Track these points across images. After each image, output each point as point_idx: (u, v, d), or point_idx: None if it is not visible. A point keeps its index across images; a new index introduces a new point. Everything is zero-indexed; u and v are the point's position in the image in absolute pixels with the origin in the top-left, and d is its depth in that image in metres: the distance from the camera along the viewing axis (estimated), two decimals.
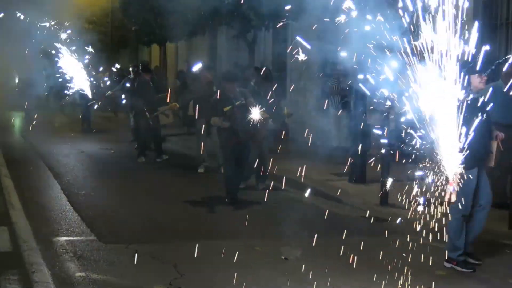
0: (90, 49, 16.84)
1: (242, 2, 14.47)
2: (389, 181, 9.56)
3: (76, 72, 16.16)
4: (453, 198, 6.26)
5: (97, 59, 19.46)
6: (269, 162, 11.32)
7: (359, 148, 11.70)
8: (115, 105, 20.90)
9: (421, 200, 6.51)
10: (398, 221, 7.01)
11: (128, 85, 16.25)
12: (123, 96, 16.60)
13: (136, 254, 7.34)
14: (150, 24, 21.15)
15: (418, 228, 8.78)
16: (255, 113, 9.89)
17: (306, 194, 10.38)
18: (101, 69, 21.72)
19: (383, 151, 10.65)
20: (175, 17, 18.56)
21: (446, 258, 7.29)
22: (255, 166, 11.15)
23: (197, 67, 13.16)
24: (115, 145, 17.03)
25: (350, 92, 15.01)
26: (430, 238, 8.26)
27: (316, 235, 8.47)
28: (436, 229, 8.71)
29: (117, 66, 23.39)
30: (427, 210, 9.54)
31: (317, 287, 6.33)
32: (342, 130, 15.62)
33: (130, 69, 17.54)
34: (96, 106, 17.96)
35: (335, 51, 7.80)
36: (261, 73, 12.59)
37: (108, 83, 19.05)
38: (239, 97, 10.08)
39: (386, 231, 8.80)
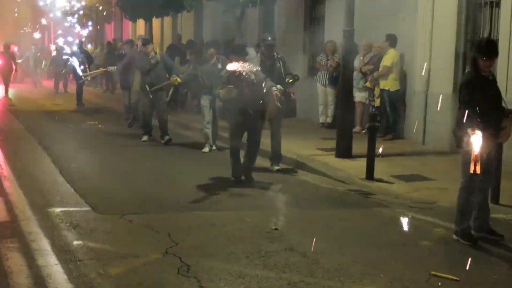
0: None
1: None
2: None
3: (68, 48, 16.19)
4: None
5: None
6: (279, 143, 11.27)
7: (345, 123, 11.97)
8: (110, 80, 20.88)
9: None
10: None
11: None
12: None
13: (130, 224, 7.59)
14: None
15: (404, 202, 9.17)
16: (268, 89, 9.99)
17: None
18: (89, 45, 21.74)
19: None
20: None
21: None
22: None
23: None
24: (104, 121, 17.15)
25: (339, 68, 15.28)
26: (415, 211, 8.64)
27: (304, 207, 8.77)
28: (421, 203, 9.09)
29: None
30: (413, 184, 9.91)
31: (305, 254, 6.56)
32: (328, 106, 15.90)
33: (124, 44, 17.54)
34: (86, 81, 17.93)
35: None
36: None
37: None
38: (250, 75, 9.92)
39: (372, 204, 9.08)
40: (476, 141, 6.62)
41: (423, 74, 13.31)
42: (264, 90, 9.92)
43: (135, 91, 15.66)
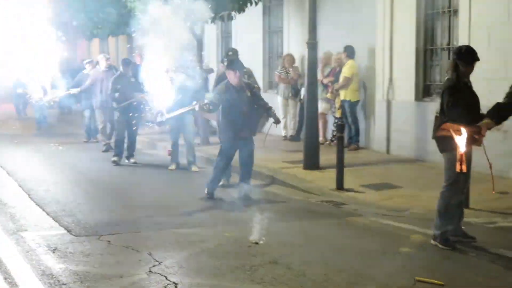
0: None
1: None
2: None
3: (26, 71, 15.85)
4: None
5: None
6: None
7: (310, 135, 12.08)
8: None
9: None
10: None
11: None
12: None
13: (109, 245, 7.51)
14: (92, 19, 21.07)
15: (376, 210, 9.29)
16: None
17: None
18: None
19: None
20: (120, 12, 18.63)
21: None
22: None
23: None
24: (65, 143, 16.94)
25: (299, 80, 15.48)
26: (389, 219, 8.76)
27: (280, 220, 8.81)
28: (394, 210, 9.23)
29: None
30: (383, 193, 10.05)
31: (290, 267, 6.59)
32: (291, 118, 16.02)
33: (86, 63, 17.36)
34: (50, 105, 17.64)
35: None
36: None
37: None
38: (245, 88, 9.87)
39: (346, 214, 9.17)
40: (461, 141, 6.78)
41: (384, 83, 13.56)
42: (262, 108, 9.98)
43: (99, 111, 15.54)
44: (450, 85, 7.22)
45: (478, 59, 7.28)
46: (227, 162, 10.10)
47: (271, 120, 10.25)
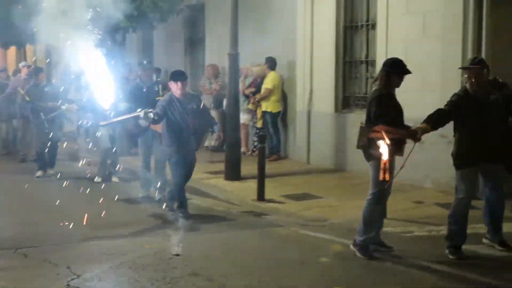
0: None
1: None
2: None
3: None
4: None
5: None
6: None
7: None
8: None
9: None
10: None
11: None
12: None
13: (26, 258, 7.33)
14: (7, 26, 20.52)
15: (297, 220, 9.39)
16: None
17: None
18: None
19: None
20: (37, 19, 18.24)
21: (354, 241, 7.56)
22: None
23: None
24: None
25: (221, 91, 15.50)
26: (309, 229, 8.87)
27: (201, 231, 8.79)
28: (313, 220, 9.35)
29: None
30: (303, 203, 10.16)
31: (211, 278, 6.59)
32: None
33: None
34: None
35: None
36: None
37: None
38: (191, 101, 9.49)
39: (267, 225, 9.22)
40: (384, 149, 6.93)
41: (304, 95, 13.75)
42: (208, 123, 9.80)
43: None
44: (378, 95, 7.38)
45: (409, 72, 7.49)
46: (185, 178, 9.68)
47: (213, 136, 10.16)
